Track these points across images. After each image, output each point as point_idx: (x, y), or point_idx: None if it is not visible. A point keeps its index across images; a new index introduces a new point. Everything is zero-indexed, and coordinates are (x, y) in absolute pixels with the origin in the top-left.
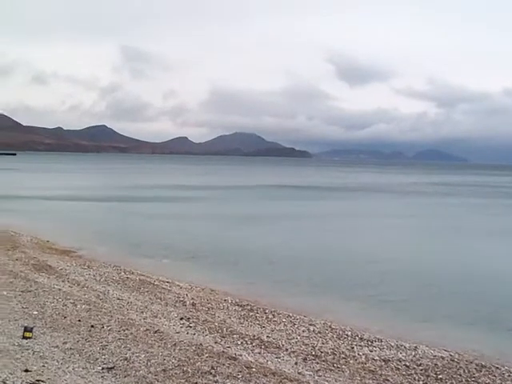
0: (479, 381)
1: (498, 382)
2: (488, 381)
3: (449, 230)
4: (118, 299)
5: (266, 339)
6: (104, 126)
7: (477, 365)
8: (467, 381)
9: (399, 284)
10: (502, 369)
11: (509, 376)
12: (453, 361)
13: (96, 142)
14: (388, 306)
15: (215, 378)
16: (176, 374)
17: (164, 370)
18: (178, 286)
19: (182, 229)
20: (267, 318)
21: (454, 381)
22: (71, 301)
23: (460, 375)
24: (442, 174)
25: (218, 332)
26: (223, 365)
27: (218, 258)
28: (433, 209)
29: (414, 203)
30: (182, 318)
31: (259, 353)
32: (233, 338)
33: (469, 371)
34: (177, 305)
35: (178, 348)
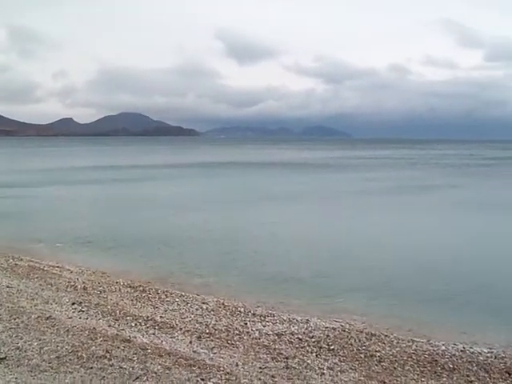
0: (369, 349)
1: (388, 348)
2: (378, 348)
3: (331, 199)
4: (8, 287)
5: (159, 320)
6: None
7: (367, 334)
8: (358, 349)
9: (289, 260)
10: (391, 336)
11: (397, 343)
12: (344, 331)
13: None
14: (280, 282)
15: (110, 362)
16: (70, 360)
17: (58, 357)
18: (69, 270)
19: (74, 212)
20: (160, 298)
21: (345, 350)
22: None
23: (351, 344)
24: (316, 149)
25: (111, 315)
26: (118, 348)
27: (111, 241)
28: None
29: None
30: (73, 303)
31: (153, 334)
32: (126, 320)
33: (359, 340)
34: (68, 290)
35: (71, 333)
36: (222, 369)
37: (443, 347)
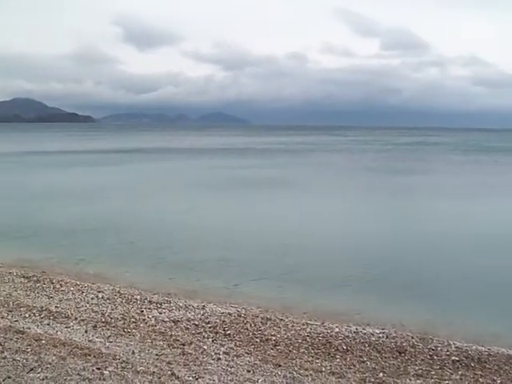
0: (265, 333)
1: (283, 332)
2: (273, 332)
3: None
4: None
5: (54, 310)
6: None
7: (262, 318)
8: (254, 334)
9: (188, 247)
10: (286, 320)
11: (292, 326)
12: (240, 316)
13: None
14: (178, 269)
15: (3, 354)
16: None
17: None
18: None
19: None
20: (55, 288)
21: (241, 335)
22: None
23: (247, 329)
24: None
25: (3, 306)
26: (11, 339)
27: (2, 231)
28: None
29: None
30: None
31: (48, 324)
32: (20, 311)
33: (255, 325)
34: None
35: None
36: (118, 357)
37: (337, 329)
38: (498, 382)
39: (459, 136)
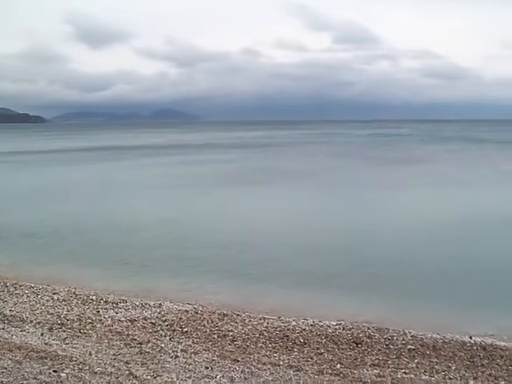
0: (222, 329)
1: (240, 327)
2: (230, 328)
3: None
4: None
5: (8, 313)
6: None
7: (219, 314)
8: (211, 330)
9: (143, 245)
10: (243, 315)
11: (249, 321)
12: (197, 313)
13: None
14: (133, 268)
15: None
16: None
17: None
18: None
19: None
20: (9, 291)
21: (198, 332)
22: None
23: (204, 326)
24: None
25: None
26: None
27: None
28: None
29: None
30: None
31: (3, 328)
32: None
33: (212, 321)
34: None
35: None
36: (74, 359)
37: (294, 323)
38: (453, 368)
39: (413, 127)
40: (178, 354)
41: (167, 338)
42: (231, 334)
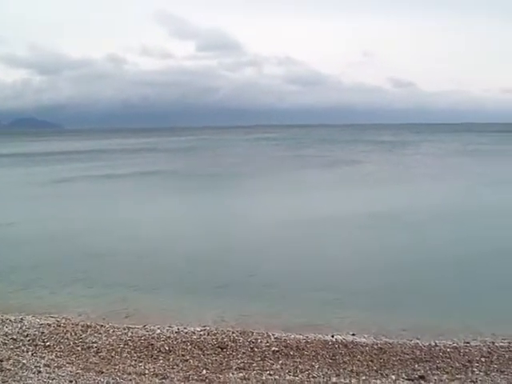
0: (86, 341)
1: (104, 338)
2: (94, 339)
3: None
4: None
5: None
6: None
7: (83, 326)
8: (75, 343)
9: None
10: (107, 326)
11: (113, 332)
12: (59, 326)
13: None
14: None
15: None
16: None
17: None
18: None
19: None
20: None
21: (62, 345)
22: None
23: (67, 339)
24: None
25: None
26: None
27: None
28: None
29: None
30: None
31: None
32: None
33: (76, 333)
34: None
35: None
36: None
37: (158, 331)
38: (316, 366)
39: (281, 132)
40: (41, 370)
41: (29, 353)
42: (95, 345)
